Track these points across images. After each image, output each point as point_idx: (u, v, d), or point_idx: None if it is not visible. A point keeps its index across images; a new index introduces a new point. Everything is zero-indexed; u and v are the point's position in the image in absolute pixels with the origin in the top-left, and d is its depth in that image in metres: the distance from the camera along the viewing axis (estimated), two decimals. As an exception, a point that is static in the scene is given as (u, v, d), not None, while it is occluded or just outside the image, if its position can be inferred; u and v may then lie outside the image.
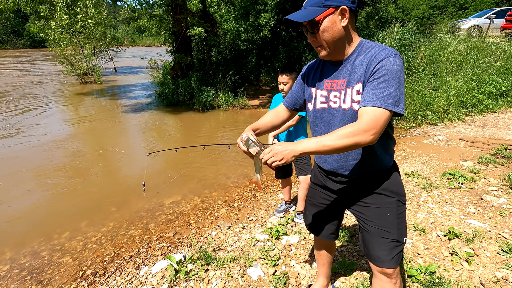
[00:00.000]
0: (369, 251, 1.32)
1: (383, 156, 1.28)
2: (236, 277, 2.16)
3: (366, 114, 1.06)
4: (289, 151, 1.07)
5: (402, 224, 1.29)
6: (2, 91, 11.73)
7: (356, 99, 1.17)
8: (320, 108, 1.30)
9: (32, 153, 5.41)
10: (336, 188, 1.40)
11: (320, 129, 1.33)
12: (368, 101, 1.08)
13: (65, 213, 3.51)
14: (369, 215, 1.31)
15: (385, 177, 1.30)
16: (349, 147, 1.05)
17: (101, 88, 13.53)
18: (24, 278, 2.51)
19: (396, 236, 1.26)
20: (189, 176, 4.40)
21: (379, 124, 1.05)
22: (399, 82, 1.08)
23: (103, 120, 7.94)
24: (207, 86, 9.08)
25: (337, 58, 1.23)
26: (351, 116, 1.20)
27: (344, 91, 1.21)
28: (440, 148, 4.92)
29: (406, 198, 1.34)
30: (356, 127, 1.04)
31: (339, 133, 1.06)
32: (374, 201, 1.30)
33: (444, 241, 2.36)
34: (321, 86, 1.29)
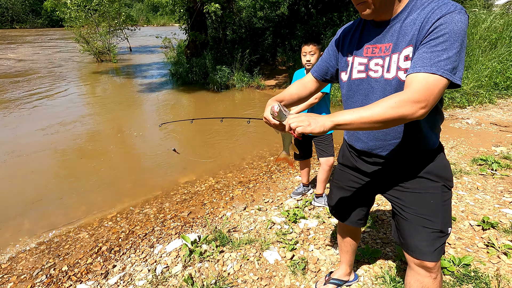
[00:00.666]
0: (407, 241, 1.17)
1: (429, 135, 1.10)
2: (252, 260, 2.08)
3: (417, 82, 0.87)
4: (319, 120, 0.91)
5: (447, 213, 1.13)
6: (22, 70, 11.92)
7: (404, 67, 0.98)
8: (357, 78, 1.12)
9: (52, 132, 5.47)
10: (370, 170, 1.24)
11: (355, 103, 1.16)
12: (420, 66, 0.89)
13: (82, 189, 3.52)
14: (408, 201, 1.15)
15: (429, 159, 1.12)
16: (392, 121, 0.87)
17: (117, 67, 13.52)
18: (42, 251, 2.54)
19: (440, 225, 1.10)
20: (204, 156, 4.32)
21: (432, 95, 0.86)
22: (461, 45, 0.88)
23: (119, 99, 7.93)
24: (222, 65, 8.84)
25: (382, 17, 1.03)
26: (395, 87, 1.02)
27: (389, 58, 1.02)
28: (469, 133, 4.60)
29: (454, 183, 1.16)
30: (403, 97, 0.86)
31: (381, 104, 0.88)
32: (415, 186, 1.13)
33: (477, 231, 2.18)
34: (359, 52, 1.10)
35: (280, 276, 1.92)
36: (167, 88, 8.96)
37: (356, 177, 1.32)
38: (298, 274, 1.91)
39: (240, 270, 2.00)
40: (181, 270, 2.06)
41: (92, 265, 2.32)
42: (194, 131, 5.52)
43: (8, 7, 46.60)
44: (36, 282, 2.19)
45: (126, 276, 2.12)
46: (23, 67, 12.55)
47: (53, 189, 3.50)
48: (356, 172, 1.32)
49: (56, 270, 2.30)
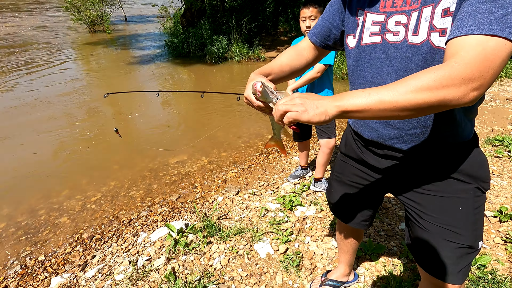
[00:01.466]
0: (424, 256, 0.93)
1: (463, 123, 0.81)
2: (241, 253, 1.89)
3: (468, 50, 0.57)
4: (320, 105, 0.61)
5: (479, 223, 0.87)
6: (13, 41, 11.39)
7: (440, 26, 0.67)
8: (369, 43, 0.81)
9: (38, 105, 5.18)
10: (380, 165, 0.96)
11: (363, 79, 0.86)
12: (472, 24, 0.58)
13: (66, 169, 3.31)
14: (430, 207, 0.89)
15: (460, 153, 0.85)
16: (427, 109, 0.58)
17: (111, 37, 12.88)
18: (19, 238, 2.37)
19: (469, 240, 0.85)
20: (197, 134, 4.06)
21: (491, 69, 0.56)
22: None
23: (112, 73, 7.53)
24: (219, 36, 8.30)
25: None
26: (424, 58, 0.71)
27: (417, 13, 0.71)
28: (483, 109, 4.27)
29: (489, 185, 0.89)
30: (446, 72, 0.56)
31: (410, 82, 0.58)
32: (440, 188, 0.87)
33: (493, 223, 1.95)
34: (374, 6, 0.80)
35: (272, 272, 1.73)
36: (162, 60, 8.50)
37: (362, 172, 1.06)
38: (291, 271, 1.72)
39: (227, 265, 1.81)
40: (164, 263, 1.88)
41: (71, 255, 2.15)
42: (191, 105, 5.21)
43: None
44: (10, 274, 2.03)
45: (105, 268, 1.95)
46: (14, 38, 11.98)
47: (35, 170, 3.29)
48: (362, 165, 1.05)
49: (32, 260, 2.13)
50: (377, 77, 0.83)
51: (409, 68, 0.75)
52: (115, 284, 1.77)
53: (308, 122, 0.62)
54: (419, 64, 0.73)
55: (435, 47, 0.70)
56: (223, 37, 8.24)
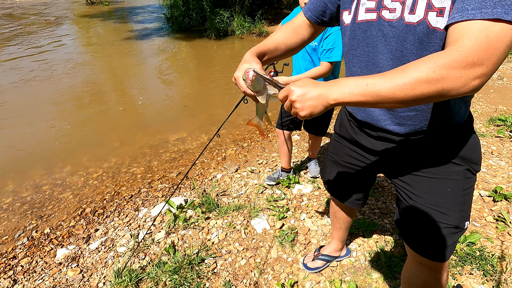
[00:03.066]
0: (411, 235, 0.95)
1: (458, 106, 0.80)
2: (238, 229, 1.95)
3: (470, 36, 0.54)
4: (316, 101, 0.62)
5: (467, 204, 0.89)
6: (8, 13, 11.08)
7: (438, 5, 0.64)
8: (364, 20, 0.78)
9: (38, 84, 5.14)
10: (373, 146, 0.97)
11: (357, 58, 0.84)
12: (474, 8, 0.55)
13: (68, 146, 3.35)
14: (420, 188, 0.90)
15: (453, 136, 0.85)
16: (425, 99, 0.57)
17: (109, 10, 12.49)
18: (25, 212, 2.45)
19: (456, 220, 0.87)
20: (197, 112, 4.04)
21: (494, 56, 0.53)
22: None
23: (111, 49, 7.36)
24: (220, 8, 8.00)
25: None
26: (421, 38, 0.69)
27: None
28: (488, 88, 4.18)
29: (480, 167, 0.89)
30: (448, 60, 0.54)
31: (410, 74, 0.56)
32: (431, 170, 0.88)
33: (487, 202, 1.98)
34: None
35: (267, 247, 1.80)
36: (161, 35, 8.28)
37: (356, 152, 1.06)
38: (286, 246, 1.78)
39: (225, 239, 1.88)
40: (164, 237, 1.95)
41: (75, 228, 2.23)
42: (191, 81, 5.15)
43: None
44: (18, 245, 2.12)
45: (108, 241, 2.03)
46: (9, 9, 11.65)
47: (38, 147, 3.33)
48: (356, 146, 1.05)
49: (38, 233, 2.22)
50: (372, 56, 0.80)
51: (404, 49, 0.73)
52: (118, 256, 1.85)
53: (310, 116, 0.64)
54: (415, 44, 0.71)
55: (431, 28, 0.67)
56: (224, 10, 7.95)
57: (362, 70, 0.84)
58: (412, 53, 0.72)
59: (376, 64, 0.80)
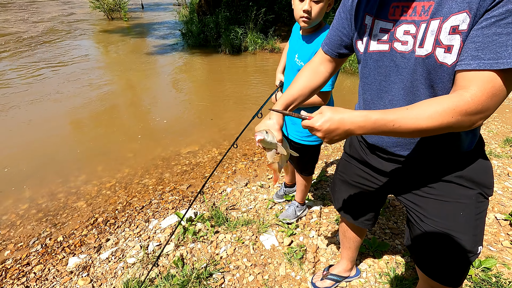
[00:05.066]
0: (423, 259, 0.94)
1: (466, 133, 0.81)
2: (247, 244, 1.95)
3: (479, 86, 0.61)
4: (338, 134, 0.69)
5: (479, 228, 0.88)
6: (34, 29, 11.70)
7: (447, 43, 0.66)
8: (377, 51, 0.81)
9: (56, 97, 5.37)
10: (383, 167, 0.98)
11: (371, 86, 0.87)
12: (485, 58, 0.59)
13: (84, 155, 3.46)
14: (431, 210, 0.90)
15: (464, 160, 0.85)
16: (438, 130, 0.65)
17: (128, 25, 13.02)
18: (40, 219, 2.52)
19: (469, 244, 0.86)
20: (209, 126, 4.12)
21: (498, 102, 0.62)
22: None
23: (129, 62, 7.65)
24: (235, 25, 8.24)
25: None
26: (429, 70, 0.72)
27: (425, 24, 0.69)
28: (503, 108, 4.11)
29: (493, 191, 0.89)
30: (461, 108, 0.62)
31: (428, 113, 0.63)
32: (442, 192, 0.88)
33: (504, 226, 1.92)
34: (383, 13, 0.78)
35: (275, 264, 1.79)
36: (178, 50, 8.55)
37: (366, 173, 1.07)
38: (294, 263, 1.76)
39: (233, 254, 1.88)
40: (173, 249, 1.96)
41: (87, 237, 2.28)
42: (205, 95, 5.27)
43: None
44: (32, 252, 2.17)
45: (118, 251, 2.06)
46: (34, 25, 12.31)
47: (55, 156, 3.45)
48: (366, 167, 1.06)
49: (51, 240, 2.28)
50: (385, 85, 0.83)
51: (414, 80, 0.76)
52: (127, 267, 1.88)
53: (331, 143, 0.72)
54: (424, 76, 0.74)
55: (439, 62, 0.70)
56: (238, 27, 8.19)
57: (373, 97, 0.87)
58: (422, 84, 0.75)
59: (388, 92, 0.83)
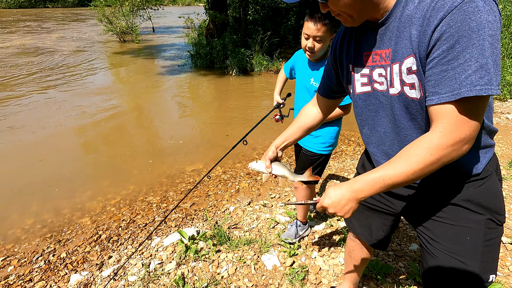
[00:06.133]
0: (431, 283, 0.95)
1: (469, 157, 0.83)
2: (248, 264, 1.94)
3: (447, 119, 0.68)
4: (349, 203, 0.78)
5: (490, 255, 0.87)
6: (48, 49, 12.25)
7: (409, 81, 0.75)
8: (362, 92, 0.90)
9: (66, 115, 5.55)
10: (394, 190, 1.01)
11: (365, 121, 0.96)
12: (444, 92, 0.67)
13: (90, 171, 3.52)
14: (439, 234, 0.91)
15: (472, 184, 0.86)
16: (434, 170, 0.71)
17: (139, 47, 13.54)
18: (45, 235, 2.54)
19: (476, 270, 0.86)
20: (214, 144, 4.19)
21: (472, 125, 0.67)
22: (490, 41, 0.61)
23: (139, 83, 7.91)
24: (241, 48, 8.53)
25: (375, 16, 0.79)
26: (405, 105, 0.80)
27: (390, 68, 0.78)
28: (508, 130, 4.11)
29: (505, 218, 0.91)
30: (436, 143, 0.68)
31: (412, 159, 0.71)
32: (450, 216, 0.88)
33: (510, 250, 1.88)
34: (359, 61, 0.88)
35: (277, 285, 1.77)
36: (186, 71, 8.83)
37: (378, 195, 1.09)
38: (296, 285, 1.74)
39: (234, 274, 1.86)
40: (174, 268, 1.96)
41: (89, 254, 2.29)
42: (211, 115, 5.38)
43: (41, -14, 48.14)
44: (35, 268, 2.18)
45: (120, 269, 2.06)
46: (50, 46, 12.89)
47: (62, 172, 3.53)
48: None
49: (54, 257, 2.29)
50: (376, 120, 0.91)
51: (395, 114, 0.84)
52: (128, 285, 1.87)
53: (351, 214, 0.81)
54: (403, 110, 0.81)
55: (409, 98, 0.78)
56: (245, 49, 8.46)
57: (370, 130, 0.96)
58: (403, 117, 0.82)
59: (380, 126, 0.91)
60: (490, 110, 0.83)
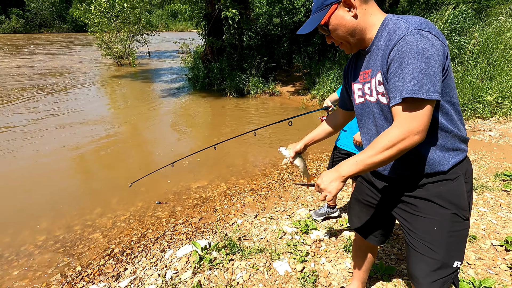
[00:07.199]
0: (408, 267, 1.16)
1: (432, 155, 1.03)
2: (261, 270, 2.06)
3: (398, 114, 0.93)
4: (335, 181, 0.99)
5: (455, 245, 1.07)
6: (48, 71, 12.45)
7: (380, 90, 1.03)
8: (359, 103, 1.18)
9: (71, 131, 5.66)
10: (381, 186, 1.23)
11: (365, 125, 1.20)
12: (394, 97, 0.92)
13: (97, 189, 3.61)
14: (413, 223, 1.12)
15: (442, 183, 1.06)
16: (395, 157, 0.93)
17: (135, 71, 13.90)
18: (57, 250, 2.61)
19: (441, 256, 1.05)
20: (216, 162, 4.35)
21: (418, 119, 0.89)
22: (424, 61, 0.87)
23: (137, 104, 8.13)
24: (237, 71, 8.92)
25: (364, 46, 1.09)
26: (381, 109, 1.07)
27: (369, 83, 1.08)
28: (491, 146, 4.41)
29: (470, 214, 1.10)
30: (392, 135, 0.91)
31: (377, 146, 0.94)
32: (422, 209, 1.09)
33: (500, 251, 2.07)
34: (357, 79, 1.17)
35: (290, 288, 1.89)
36: (184, 93, 9.11)
37: (372, 192, 1.29)
38: (308, 287, 1.87)
39: (249, 280, 1.98)
40: (191, 276, 2.06)
41: (104, 267, 2.36)
42: (208, 137, 5.57)
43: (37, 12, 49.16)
44: (52, 280, 2.24)
45: (136, 279, 2.14)
46: (47, 71, 13.11)
47: (71, 190, 3.61)
48: (371, 186, 1.29)
49: (70, 270, 2.35)
50: (367, 123, 1.17)
51: (375, 117, 1.10)
52: (147, 293, 1.95)
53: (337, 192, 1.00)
54: (380, 113, 1.07)
55: (382, 103, 1.04)
56: (241, 73, 8.85)
57: (365, 132, 1.21)
58: (380, 119, 1.08)
59: (369, 128, 1.17)
60: (452, 118, 1.03)
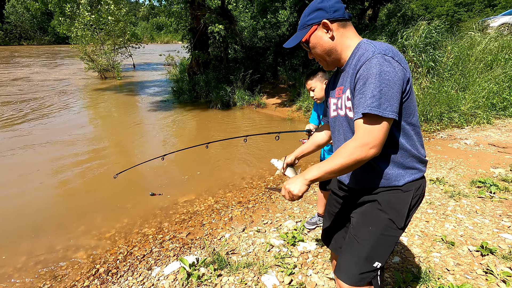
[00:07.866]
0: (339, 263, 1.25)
1: (390, 170, 1.14)
2: (250, 285, 2.07)
3: (358, 127, 1.03)
4: (298, 183, 1.10)
5: (381, 246, 1.16)
6: (28, 88, 12.15)
7: (348, 105, 1.14)
8: (333, 116, 1.29)
9: (52, 147, 5.53)
10: (343, 195, 1.35)
11: (336, 138, 1.31)
12: (357, 112, 1.03)
13: (81, 207, 3.53)
14: (355, 223, 1.24)
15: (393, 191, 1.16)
16: (352, 166, 1.02)
17: (120, 84, 13.77)
18: (39, 272, 2.52)
19: (365, 252, 1.16)
20: (203, 175, 4.35)
21: (373, 134, 0.99)
22: (384, 82, 0.99)
23: (121, 118, 8.05)
24: (223, 84, 9.02)
25: (340, 64, 1.21)
26: (348, 123, 1.18)
27: (341, 99, 1.20)
28: (467, 153, 4.63)
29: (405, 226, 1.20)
30: (351, 145, 1.02)
31: (337, 155, 1.04)
32: (364, 209, 1.22)
33: (476, 256, 2.17)
34: (333, 94, 1.28)
35: (278, 302, 1.90)
36: (169, 106, 9.09)
37: (337, 202, 1.41)
38: (296, 300, 1.89)
39: (237, 295, 1.98)
40: (179, 294, 2.04)
41: (89, 288, 2.30)
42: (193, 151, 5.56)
43: (17, 24, 48.11)
44: (32, 305, 2.16)
45: (122, 300, 2.10)
46: (29, 85, 12.79)
47: (53, 208, 3.51)
48: (336, 196, 1.40)
49: (52, 293, 2.28)
50: (338, 136, 1.27)
51: (344, 130, 1.21)
52: (134, 314, 1.92)
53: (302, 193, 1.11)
54: (347, 126, 1.18)
55: (349, 118, 1.15)
56: (226, 85, 8.95)
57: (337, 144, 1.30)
58: (347, 131, 1.19)
59: (339, 139, 1.27)
60: (412, 139, 1.14)
